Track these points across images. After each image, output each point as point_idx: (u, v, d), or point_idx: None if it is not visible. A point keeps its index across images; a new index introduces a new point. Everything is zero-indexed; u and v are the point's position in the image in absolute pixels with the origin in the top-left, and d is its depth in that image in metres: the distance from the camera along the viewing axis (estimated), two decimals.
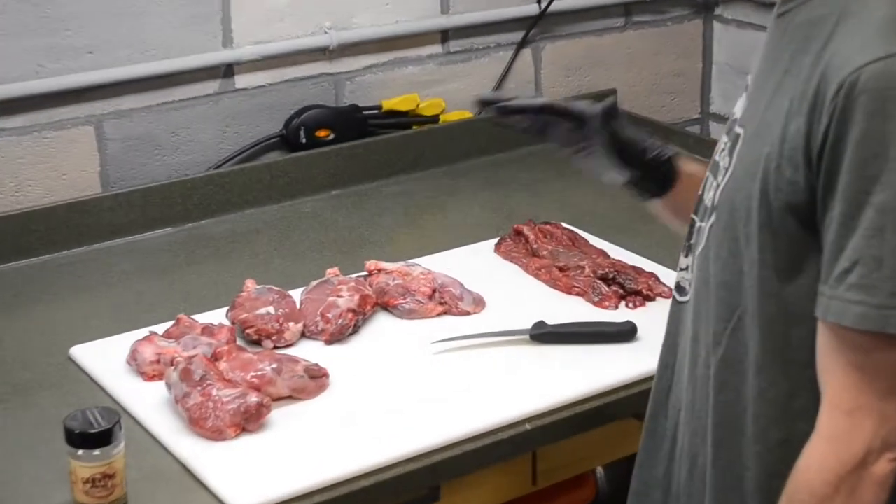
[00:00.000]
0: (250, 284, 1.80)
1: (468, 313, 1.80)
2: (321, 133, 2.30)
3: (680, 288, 1.35)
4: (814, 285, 1.16)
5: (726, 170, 1.25)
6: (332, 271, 1.85)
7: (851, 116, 1.10)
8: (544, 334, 1.71)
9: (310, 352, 1.68)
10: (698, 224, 1.32)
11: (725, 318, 1.23)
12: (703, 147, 1.36)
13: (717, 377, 1.25)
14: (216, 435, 1.49)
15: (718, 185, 1.26)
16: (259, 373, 1.57)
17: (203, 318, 1.76)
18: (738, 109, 1.29)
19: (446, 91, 2.47)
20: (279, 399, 1.57)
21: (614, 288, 1.83)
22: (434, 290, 1.81)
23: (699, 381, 1.29)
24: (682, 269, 1.35)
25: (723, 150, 1.29)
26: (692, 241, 1.33)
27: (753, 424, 1.22)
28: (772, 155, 1.17)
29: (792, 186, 1.15)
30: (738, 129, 1.25)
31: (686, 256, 1.34)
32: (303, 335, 1.73)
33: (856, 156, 1.10)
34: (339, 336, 1.73)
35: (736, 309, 1.22)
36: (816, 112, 1.13)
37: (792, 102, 1.16)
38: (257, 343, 1.70)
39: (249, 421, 1.51)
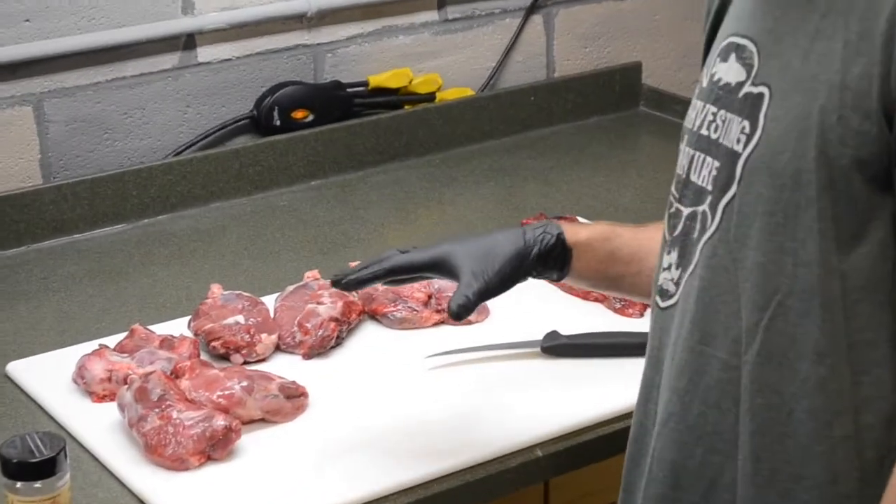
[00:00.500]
0: (216, 290, 1.81)
1: (469, 322, 1.81)
2: (298, 114, 2.31)
3: (663, 291, 1.36)
4: (877, 251, 1.18)
5: (748, 136, 1.26)
6: (311, 274, 1.86)
7: None
8: (558, 346, 1.73)
9: (286, 368, 1.70)
10: (689, 210, 1.32)
11: (761, 306, 1.24)
12: None
13: (755, 377, 1.26)
14: (177, 464, 1.50)
15: (738, 154, 1.26)
16: (227, 392, 1.58)
17: (161, 328, 1.77)
18: (723, 73, 1.30)
19: (443, 65, 2.48)
20: (250, 422, 1.58)
21: None
22: (430, 296, 1.82)
23: (713, 389, 1.29)
24: (664, 269, 1.36)
25: (712, 120, 1.30)
26: (678, 233, 1.33)
27: (812, 422, 1.23)
28: (829, 107, 1.18)
29: (861, 138, 1.17)
30: (756, 89, 1.26)
31: (669, 253, 1.35)
32: (277, 348, 1.75)
33: None
34: (319, 349, 1.74)
35: (775, 294, 1.23)
36: (894, 47, 1.14)
37: (847, 44, 1.17)
38: (225, 358, 1.71)
39: (216, 448, 1.52)
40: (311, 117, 2.32)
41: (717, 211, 1.28)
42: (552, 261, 1.50)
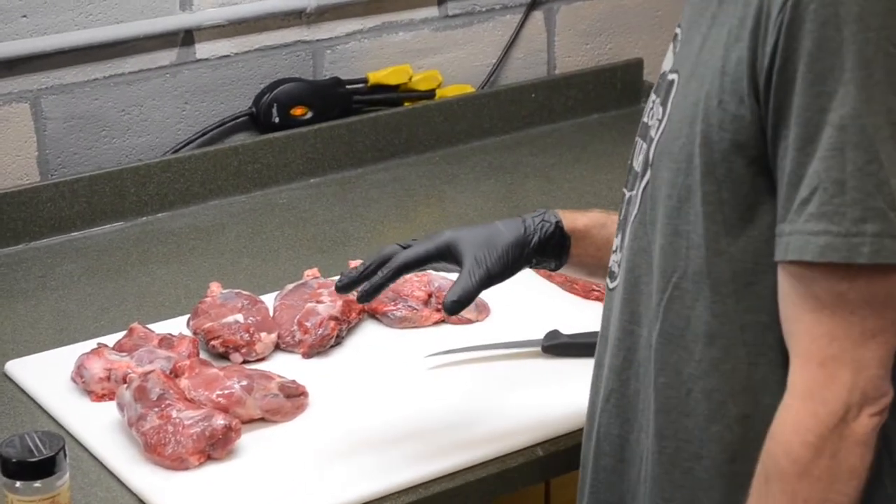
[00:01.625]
0: (215, 288, 1.82)
1: (470, 321, 1.83)
2: (297, 111, 2.32)
3: (611, 273, 1.40)
4: (767, 235, 1.21)
5: (660, 122, 1.29)
6: (310, 273, 1.87)
7: (802, 28, 1.15)
8: (558, 346, 1.74)
9: (285, 367, 1.71)
10: (629, 194, 1.37)
11: (661, 287, 1.29)
12: None
13: (657, 356, 1.30)
14: (177, 463, 1.51)
15: (653, 140, 1.30)
16: (226, 391, 1.59)
17: (160, 327, 1.78)
18: (666, 63, 1.35)
19: (444, 62, 2.49)
20: (250, 422, 1.59)
21: None
22: (430, 295, 1.83)
23: (642, 367, 1.34)
24: (613, 252, 1.41)
25: (651, 108, 1.34)
26: (622, 217, 1.38)
27: (707, 402, 1.27)
28: (712, 92, 1.22)
29: (737, 123, 1.20)
30: (671, 77, 1.31)
31: (617, 236, 1.40)
32: (277, 347, 1.76)
33: (809, 71, 1.15)
34: (319, 348, 1.75)
35: (671, 276, 1.27)
36: (761, 32, 1.18)
37: (731, 31, 1.21)
38: (224, 357, 1.73)
39: (215, 447, 1.53)
40: (310, 114, 2.33)
41: (639, 194, 1.32)
42: (551, 248, 1.52)
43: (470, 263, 1.47)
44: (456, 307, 1.44)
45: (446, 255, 1.49)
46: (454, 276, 1.49)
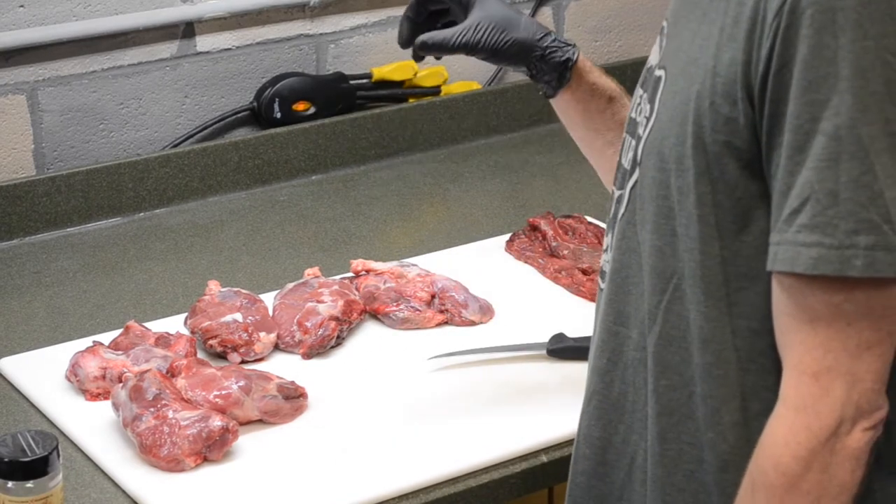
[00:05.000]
0: (214, 286, 1.82)
1: (473, 323, 1.83)
2: (299, 106, 2.33)
3: (602, 273, 1.40)
4: (760, 241, 1.21)
5: (647, 119, 1.29)
6: (311, 272, 1.88)
7: (797, 34, 1.15)
8: (564, 349, 1.74)
9: (284, 367, 1.71)
10: (618, 193, 1.37)
11: (660, 289, 1.28)
12: None
13: (657, 359, 1.30)
14: (172, 465, 1.52)
15: (641, 137, 1.30)
16: (224, 392, 1.59)
17: (157, 325, 1.79)
18: (653, 57, 1.34)
19: (449, 58, 2.45)
20: (247, 423, 1.60)
21: None
22: (433, 296, 1.83)
23: (629, 368, 1.33)
24: (604, 251, 1.40)
25: (639, 103, 1.34)
26: (610, 215, 1.38)
27: (705, 407, 1.27)
28: (703, 92, 1.22)
29: (730, 126, 1.20)
30: (658, 73, 1.30)
31: (607, 235, 1.40)
32: (276, 347, 1.76)
33: (803, 77, 1.15)
34: (319, 349, 1.75)
35: (671, 277, 1.27)
36: (756, 35, 1.18)
37: (723, 30, 1.21)
38: (222, 356, 1.73)
39: (212, 449, 1.53)
40: (312, 110, 2.33)
41: (626, 193, 1.32)
42: (548, 73, 1.54)
43: (468, 24, 1.50)
44: (419, 48, 1.50)
45: (459, 2, 1.52)
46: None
